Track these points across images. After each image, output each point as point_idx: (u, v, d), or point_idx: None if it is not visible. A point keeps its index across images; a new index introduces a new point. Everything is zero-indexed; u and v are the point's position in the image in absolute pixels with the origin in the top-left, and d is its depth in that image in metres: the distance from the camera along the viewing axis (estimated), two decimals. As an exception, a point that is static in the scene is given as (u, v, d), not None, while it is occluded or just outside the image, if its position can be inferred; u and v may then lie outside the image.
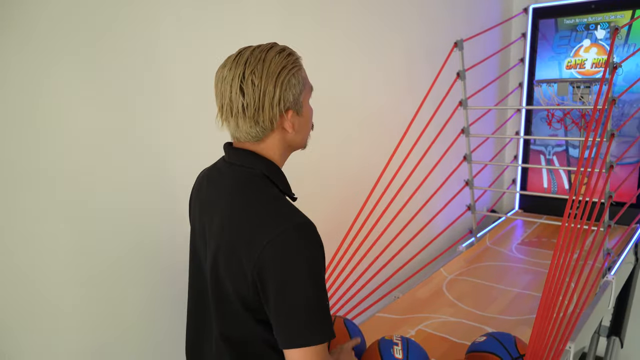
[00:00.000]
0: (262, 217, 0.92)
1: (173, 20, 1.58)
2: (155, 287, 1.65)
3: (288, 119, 0.96)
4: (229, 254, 0.94)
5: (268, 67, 0.91)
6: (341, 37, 2.20)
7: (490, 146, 3.28)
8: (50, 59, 1.32)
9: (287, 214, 0.92)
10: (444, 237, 2.70)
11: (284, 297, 0.88)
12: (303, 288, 0.88)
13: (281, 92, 0.92)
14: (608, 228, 2.18)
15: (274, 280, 0.89)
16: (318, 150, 2.20)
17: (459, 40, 2.43)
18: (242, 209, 0.95)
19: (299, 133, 1.00)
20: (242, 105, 0.92)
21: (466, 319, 2.01)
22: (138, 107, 1.53)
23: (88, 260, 1.48)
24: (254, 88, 0.91)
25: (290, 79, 0.93)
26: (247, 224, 0.92)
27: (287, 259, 0.88)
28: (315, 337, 0.89)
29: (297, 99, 0.96)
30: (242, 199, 0.96)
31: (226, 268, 0.96)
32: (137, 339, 1.63)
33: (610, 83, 2.08)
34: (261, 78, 0.91)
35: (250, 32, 1.80)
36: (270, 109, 0.93)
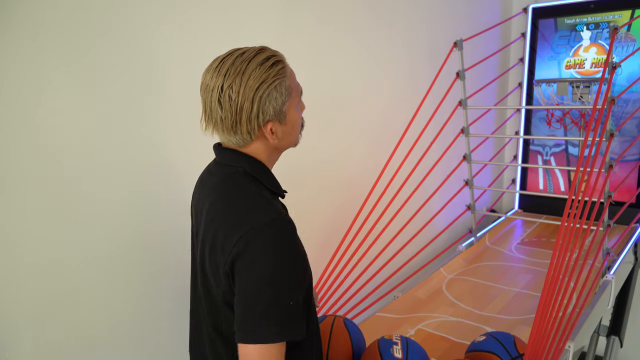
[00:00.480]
0: (237, 213, 0.92)
1: (171, 18, 1.58)
2: (156, 283, 1.66)
3: (267, 131, 0.95)
4: (211, 250, 0.96)
5: (246, 82, 0.89)
6: (341, 38, 2.20)
7: (489, 146, 3.29)
8: (48, 60, 1.32)
9: (260, 211, 0.91)
10: (444, 236, 2.70)
11: (245, 291, 0.89)
12: (265, 284, 0.87)
13: (259, 107, 0.91)
14: (607, 228, 2.19)
15: (239, 275, 0.89)
16: (318, 150, 2.21)
17: (458, 40, 2.44)
18: (222, 206, 0.96)
19: (283, 139, 0.99)
20: (220, 117, 0.92)
21: (466, 318, 2.02)
22: (138, 106, 1.54)
23: (88, 256, 1.48)
24: (231, 102, 0.90)
25: (271, 93, 0.91)
26: (225, 221, 0.93)
27: (253, 254, 0.88)
28: (269, 335, 0.87)
29: (280, 110, 0.94)
30: (223, 197, 0.97)
31: (209, 264, 0.97)
32: (138, 336, 1.63)
33: (609, 83, 2.08)
34: (238, 93, 0.89)
35: (249, 30, 1.81)
36: (248, 122, 0.92)
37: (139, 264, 1.60)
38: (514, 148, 3.44)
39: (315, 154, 2.19)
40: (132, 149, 1.54)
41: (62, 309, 1.44)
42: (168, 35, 1.57)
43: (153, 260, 1.63)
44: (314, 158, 2.18)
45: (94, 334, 1.51)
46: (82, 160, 1.43)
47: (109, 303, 1.54)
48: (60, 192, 1.39)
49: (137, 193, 1.57)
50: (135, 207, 1.57)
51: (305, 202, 2.16)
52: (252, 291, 0.88)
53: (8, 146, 1.28)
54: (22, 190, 1.32)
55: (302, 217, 1.73)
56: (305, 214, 2.16)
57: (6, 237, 1.30)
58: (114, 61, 1.46)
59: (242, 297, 0.89)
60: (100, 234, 1.50)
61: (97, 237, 1.49)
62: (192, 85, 1.63)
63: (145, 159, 1.58)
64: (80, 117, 1.41)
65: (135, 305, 1.61)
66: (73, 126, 1.40)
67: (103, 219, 1.50)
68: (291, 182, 2.04)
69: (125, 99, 1.50)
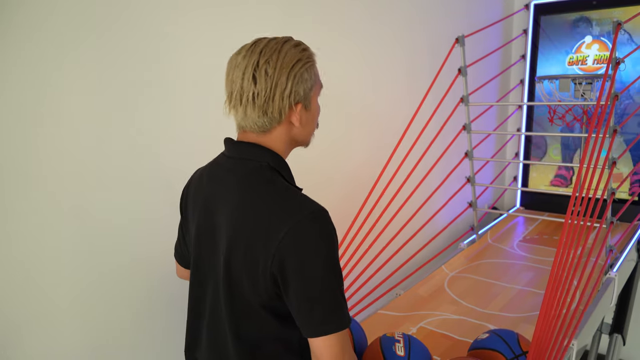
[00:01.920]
0: (276, 209, 0.91)
1: (174, 19, 1.56)
2: (154, 288, 1.64)
3: (296, 113, 0.95)
4: (244, 250, 0.93)
5: (283, 58, 0.91)
6: (341, 33, 2.19)
7: (491, 143, 3.27)
8: (52, 60, 1.31)
9: (300, 203, 0.92)
10: (446, 234, 2.69)
11: (305, 286, 0.89)
12: (323, 276, 0.89)
13: (293, 84, 0.92)
14: (610, 225, 2.17)
15: (293, 270, 0.89)
16: (319, 147, 2.19)
17: (460, 36, 2.42)
18: (254, 202, 0.94)
19: (304, 128, 1.00)
20: (252, 94, 0.92)
21: (468, 316, 2.00)
22: (141, 108, 1.52)
23: (90, 261, 1.47)
24: (267, 77, 0.91)
25: (304, 73, 0.93)
26: (260, 217, 0.91)
27: (305, 248, 0.88)
28: (338, 324, 0.90)
29: (308, 94, 0.96)
30: (253, 192, 0.95)
31: (243, 265, 0.94)
32: (135, 341, 1.61)
33: (612, 79, 2.06)
34: (275, 68, 0.91)
35: (249, 30, 1.78)
36: (281, 100, 0.92)
37: (139, 267, 1.59)
38: (516, 145, 3.42)
39: (317, 150, 2.17)
40: (136, 150, 1.52)
41: (63, 311, 1.42)
42: (169, 41, 1.56)
43: (153, 263, 1.62)
44: (315, 154, 2.16)
45: (93, 338, 1.50)
46: (84, 162, 1.42)
47: (109, 307, 1.53)
48: (61, 194, 1.38)
49: (139, 194, 1.55)
50: (137, 210, 1.56)
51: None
52: (314, 284, 0.89)
53: (11, 147, 1.27)
54: (25, 192, 1.31)
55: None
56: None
57: (6, 242, 1.30)
58: (118, 62, 1.44)
59: (303, 293, 0.90)
60: (102, 237, 1.49)
61: (98, 239, 1.48)
62: (194, 86, 1.63)
63: (149, 160, 1.57)
64: (83, 117, 1.39)
65: (135, 307, 1.60)
66: (76, 126, 1.38)
67: (105, 220, 1.49)
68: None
69: (127, 98, 1.48)
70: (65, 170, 1.38)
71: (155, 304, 1.64)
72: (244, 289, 0.95)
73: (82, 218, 1.43)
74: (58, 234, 1.39)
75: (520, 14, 3.22)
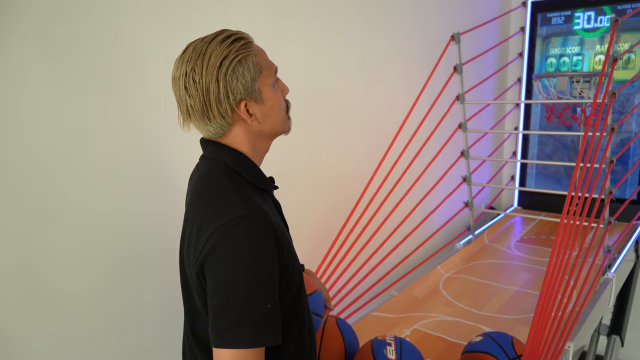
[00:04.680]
0: (209, 210, 0.87)
1: (157, 19, 1.53)
2: (154, 287, 1.61)
3: (243, 111, 0.89)
4: (187, 251, 0.92)
5: (208, 60, 0.85)
6: (333, 31, 2.15)
7: (488, 142, 3.23)
8: (32, 60, 1.28)
9: (231, 206, 0.85)
10: (441, 234, 2.65)
11: (217, 292, 0.83)
12: (236, 285, 0.82)
13: (226, 85, 0.86)
14: (608, 225, 2.13)
15: (210, 275, 0.84)
16: (313, 146, 2.16)
17: (455, 34, 2.38)
18: (198, 203, 0.91)
19: (266, 120, 0.93)
20: (190, 106, 0.88)
21: (463, 318, 1.97)
22: (131, 106, 1.49)
23: (89, 260, 1.45)
24: (196, 86, 0.86)
25: (236, 69, 0.86)
26: (199, 219, 0.88)
27: (223, 253, 0.82)
28: (242, 339, 0.81)
29: (251, 88, 0.88)
30: (199, 193, 0.92)
31: (187, 265, 0.93)
32: (136, 342, 1.58)
33: (610, 76, 2.03)
34: (201, 74, 0.85)
35: (241, 25, 1.75)
36: (218, 104, 0.86)
37: (132, 264, 1.55)
38: (513, 144, 3.39)
39: (310, 150, 2.14)
40: (130, 147, 1.49)
41: (63, 310, 1.40)
42: (157, 40, 1.53)
43: (153, 262, 1.59)
44: (308, 154, 2.13)
45: (92, 339, 1.47)
46: (83, 162, 1.40)
47: (109, 307, 1.50)
48: (60, 193, 1.37)
49: (136, 193, 1.52)
50: (134, 207, 1.53)
51: (300, 198, 2.11)
52: (224, 292, 0.82)
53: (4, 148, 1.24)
54: (22, 192, 1.29)
55: (296, 214, 1.69)
56: (300, 210, 2.11)
57: (5, 241, 1.28)
58: (100, 60, 1.41)
59: (214, 299, 0.84)
60: (102, 235, 1.45)
61: (98, 238, 1.46)
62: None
63: (145, 158, 1.55)
64: (71, 116, 1.36)
65: (135, 307, 1.57)
66: (67, 126, 1.36)
67: (104, 219, 1.46)
68: (285, 179, 2.00)
69: (112, 97, 1.45)
70: (65, 171, 1.35)
71: (156, 305, 1.62)
72: (190, 291, 0.95)
73: (82, 218, 1.41)
74: (59, 234, 1.37)
75: (518, 11, 3.18)
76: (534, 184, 3.36)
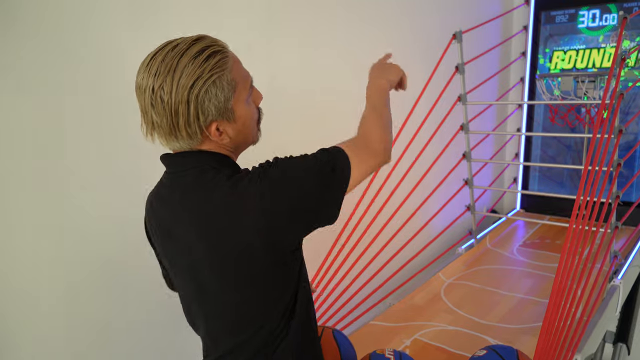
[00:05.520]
0: (232, 191, 0.80)
1: (132, 20, 1.46)
2: (139, 293, 1.54)
3: (213, 132, 0.82)
4: (214, 252, 0.83)
5: (178, 80, 0.76)
6: (327, 28, 2.08)
7: (490, 143, 3.16)
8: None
9: (254, 170, 0.84)
10: (442, 238, 2.58)
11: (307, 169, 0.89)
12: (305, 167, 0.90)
13: (198, 107, 0.78)
14: (615, 230, 2.06)
15: (284, 186, 0.82)
16: (307, 148, 2.08)
17: (457, 32, 2.31)
18: (204, 203, 0.82)
19: (238, 136, 0.86)
20: (156, 123, 0.80)
21: (465, 327, 1.89)
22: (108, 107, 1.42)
23: (69, 266, 1.38)
24: (164, 105, 0.78)
25: (209, 90, 0.78)
26: (221, 208, 0.81)
27: (285, 171, 0.84)
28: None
29: (224, 108, 0.81)
30: (200, 195, 0.83)
31: (220, 265, 0.84)
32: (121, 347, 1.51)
33: (618, 76, 1.95)
34: (170, 94, 0.77)
35: (222, 26, 1.68)
36: (187, 126, 0.79)
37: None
38: (516, 145, 3.31)
39: (306, 152, 2.06)
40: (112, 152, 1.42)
41: (44, 316, 1.32)
42: (144, 40, 1.45)
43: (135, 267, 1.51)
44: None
45: (74, 343, 1.39)
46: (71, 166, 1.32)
47: (90, 314, 1.43)
48: (36, 197, 1.27)
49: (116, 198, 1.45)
50: (117, 214, 1.45)
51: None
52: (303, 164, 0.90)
53: None
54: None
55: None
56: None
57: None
58: (85, 61, 1.34)
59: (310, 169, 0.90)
60: (82, 240, 1.38)
61: (79, 243, 1.38)
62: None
63: (126, 162, 1.47)
64: (48, 119, 1.29)
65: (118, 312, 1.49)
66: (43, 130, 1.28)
67: (83, 224, 1.38)
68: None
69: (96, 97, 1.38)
70: (42, 175, 1.28)
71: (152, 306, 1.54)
72: (229, 286, 0.86)
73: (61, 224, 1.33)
74: (37, 240, 1.29)
75: (521, 9, 3.11)
76: (537, 186, 3.29)
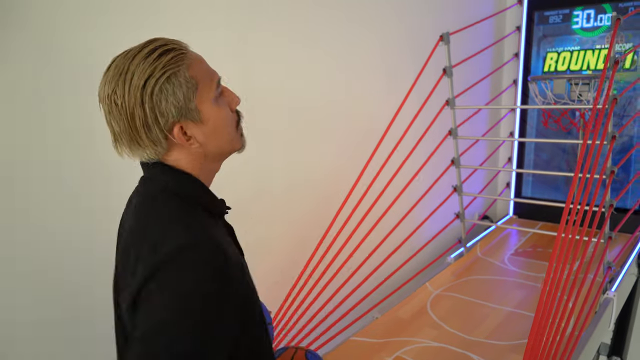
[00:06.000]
0: (147, 240, 0.73)
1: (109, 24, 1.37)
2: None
3: (177, 136, 0.75)
4: (122, 282, 0.78)
5: (130, 81, 0.71)
6: (310, 27, 1.99)
7: (482, 148, 3.07)
8: None
9: (175, 234, 0.71)
10: (430, 247, 2.48)
11: (142, 336, 0.66)
12: (177, 338, 0.65)
13: (154, 108, 0.72)
14: (609, 240, 1.97)
15: (141, 312, 0.69)
16: (288, 154, 2.00)
17: (444, 33, 2.22)
18: (136, 232, 0.77)
19: (209, 142, 0.78)
20: (117, 132, 0.75)
21: (450, 343, 1.80)
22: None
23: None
24: (119, 110, 0.73)
25: (164, 88, 0.72)
26: (135, 250, 0.74)
27: (161, 297, 0.67)
28: None
29: (186, 108, 0.74)
30: (138, 221, 0.78)
31: (122, 299, 0.77)
32: None
33: (611, 79, 1.87)
34: (124, 97, 0.72)
35: (200, 27, 1.59)
36: (147, 131, 0.73)
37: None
38: (509, 149, 3.22)
39: (287, 159, 1.98)
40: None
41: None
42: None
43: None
44: (284, 162, 1.97)
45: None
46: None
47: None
48: None
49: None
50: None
51: (274, 209, 1.95)
52: (148, 338, 0.66)
53: None
54: None
55: (271, 226, 1.52)
56: (275, 222, 1.95)
57: None
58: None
59: (137, 345, 0.67)
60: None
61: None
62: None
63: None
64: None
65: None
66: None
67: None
68: (259, 189, 1.83)
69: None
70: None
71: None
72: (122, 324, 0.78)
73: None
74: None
75: (513, 9, 3.02)
76: (530, 191, 3.20)
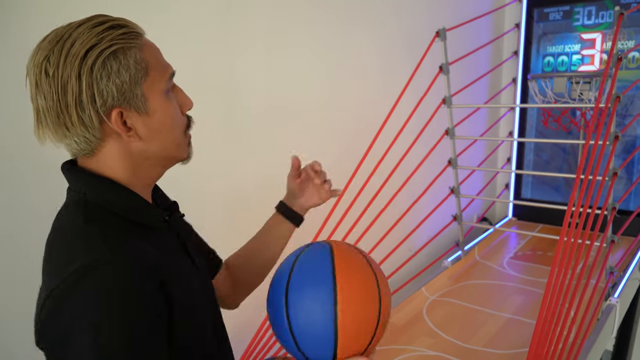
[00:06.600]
0: (52, 263, 0.64)
1: None
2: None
3: (115, 122, 0.63)
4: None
5: (69, 48, 0.60)
6: (298, 22, 1.91)
7: (480, 148, 2.99)
8: None
9: (77, 253, 0.60)
10: (427, 251, 2.41)
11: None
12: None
13: (91, 83, 0.61)
14: (611, 244, 1.89)
15: (47, 354, 0.60)
16: (281, 155, 1.91)
17: (440, 29, 2.14)
18: (45, 254, 0.66)
19: (152, 139, 0.67)
20: (42, 109, 0.63)
21: (447, 352, 1.72)
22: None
23: None
24: (49, 81, 0.61)
25: (107, 63, 0.61)
26: (42, 274, 0.64)
27: (61, 326, 0.57)
28: None
29: (130, 91, 0.63)
30: (48, 239, 0.67)
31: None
32: None
33: (614, 77, 1.79)
34: (57, 65, 0.60)
35: (192, 27, 1.51)
36: (79, 109, 0.61)
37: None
38: (508, 149, 3.15)
39: (277, 159, 1.90)
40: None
41: None
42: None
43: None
44: (274, 165, 1.89)
45: None
46: None
47: None
48: None
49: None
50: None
51: (261, 213, 1.86)
52: None
53: None
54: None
55: (253, 231, 1.43)
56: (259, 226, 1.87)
57: None
58: None
59: None
60: None
61: None
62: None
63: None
64: None
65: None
66: None
67: None
68: (247, 191, 1.75)
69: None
70: None
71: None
72: None
73: None
74: None
75: (512, 5, 2.94)
76: (530, 192, 3.12)
